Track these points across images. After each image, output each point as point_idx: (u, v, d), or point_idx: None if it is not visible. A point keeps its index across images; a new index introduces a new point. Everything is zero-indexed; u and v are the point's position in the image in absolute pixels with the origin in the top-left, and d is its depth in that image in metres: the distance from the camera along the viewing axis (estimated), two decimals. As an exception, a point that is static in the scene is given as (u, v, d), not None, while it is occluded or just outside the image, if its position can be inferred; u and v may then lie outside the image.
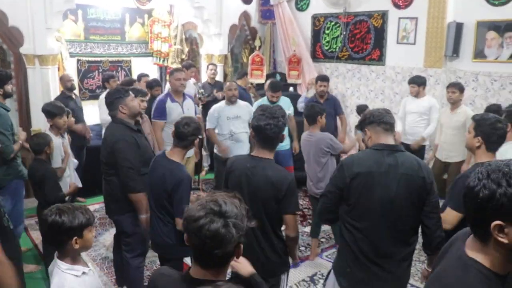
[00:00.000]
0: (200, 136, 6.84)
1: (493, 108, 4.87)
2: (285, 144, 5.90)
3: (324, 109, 4.60)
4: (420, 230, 2.57)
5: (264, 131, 2.66)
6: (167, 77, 7.67)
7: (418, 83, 6.00)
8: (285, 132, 5.79)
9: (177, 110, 5.07)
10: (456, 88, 5.49)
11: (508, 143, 3.25)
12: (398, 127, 6.17)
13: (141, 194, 3.44)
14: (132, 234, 3.66)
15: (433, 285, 1.51)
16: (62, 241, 2.15)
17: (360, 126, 2.75)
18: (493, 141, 2.71)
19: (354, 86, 7.92)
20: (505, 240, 1.27)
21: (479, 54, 6.25)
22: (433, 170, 5.72)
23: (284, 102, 5.89)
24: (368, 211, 2.48)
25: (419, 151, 5.95)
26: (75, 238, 2.14)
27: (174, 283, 1.67)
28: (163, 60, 8.01)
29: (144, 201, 3.44)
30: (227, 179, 2.87)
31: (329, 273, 2.80)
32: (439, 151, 5.77)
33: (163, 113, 5.07)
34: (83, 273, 2.19)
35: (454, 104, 5.54)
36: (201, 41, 8.37)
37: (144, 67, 7.68)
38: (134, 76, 7.51)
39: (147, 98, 4.83)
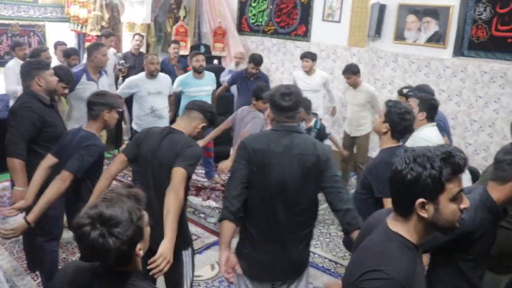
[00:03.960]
0: (120, 109, 6.61)
1: (426, 89, 4.98)
2: None
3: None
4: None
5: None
6: (85, 45, 7.26)
7: (312, 58, 6.12)
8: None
9: (91, 89, 4.47)
10: (350, 73, 5.62)
11: (423, 127, 3.42)
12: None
13: (18, 161, 3.24)
14: (45, 217, 3.44)
15: (359, 255, 1.67)
16: None
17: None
18: (398, 131, 2.82)
19: (279, 61, 7.93)
20: (425, 215, 1.51)
21: (399, 36, 6.46)
22: (343, 144, 6.06)
23: (210, 78, 5.84)
24: (263, 192, 2.47)
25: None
26: None
27: (86, 273, 1.59)
28: (81, 27, 7.50)
29: (20, 171, 3.25)
30: (138, 146, 2.81)
31: None
32: (347, 126, 6.02)
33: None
34: None
35: (355, 85, 5.77)
36: (122, 8, 7.93)
37: (60, 34, 7.16)
38: (49, 42, 7.00)
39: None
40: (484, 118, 5.87)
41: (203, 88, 5.74)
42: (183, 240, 2.88)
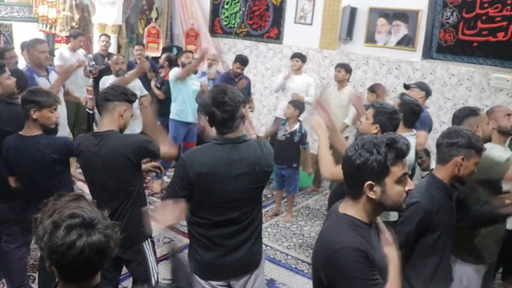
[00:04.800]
0: (90, 112, 6.53)
1: (425, 85, 4.93)
2: (193, 117, 5.94)
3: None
4: None
5: (97, 103, 2.84)
6: (55, 46, 7.11)
7: (302, 59, 6.21)
8: (194, 108, 5.85)
9: (46, 85, 4.49)
10: (342, 67, 5.87)
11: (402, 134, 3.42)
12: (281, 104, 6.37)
13: None
14: (17, 223, 3.37)
15: (317, 243, 1.82)
16: None
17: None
18: (388, 131, 2.86)
19: (252, 63, 7.90)
20: (373, 196, 1.68)
21: (370, 39, 6.55)
22: None
23: (194, 75, 5.99)
24: (209, 209, 2.43)
25: None
26: None
27: None
28: (51, 27, 7.36)
29: None
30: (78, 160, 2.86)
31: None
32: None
33: None
34: None
35: (341, 83, 5.92)
36: (93, 8, 7.82)
37: (29, 34, 7.00)
38: (17, 42, 6.84)
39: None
40: (452, 119, 5.99)
41: (193, 81, 5.88)
42: (141, 233, 2.91)
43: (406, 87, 4.77)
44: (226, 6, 8.12)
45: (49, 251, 1.34)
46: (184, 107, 5.85)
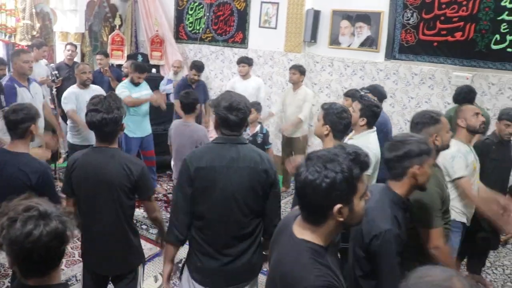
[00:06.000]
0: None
1: (379, 88, 5.14)
2: (147, 130, 5.79)
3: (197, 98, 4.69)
4: None
5: (102, 128, 2.59)
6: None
7: (249, 63, 6.28)
8: (145, 117, 5.75)
9: (27, 96, 4.58)
10: (297, 69, 5.93)
11: (363, 133, 3.44)
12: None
13: None
14: None
15: (275, 271, 1.63)
16: None
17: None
18: (339, 130, 2.93)
19: (218, 68, 7.93)
20: (342, 219, 1.50)
21: (334, 41, 6.64)
22: (282, 144, 6.34)
23: (144, 84, 5.84)
24: (210, 206, 2.44)
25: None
26: None
27: None
28: (10, 36, 7.18)
29: None
30: (70, 177, 2.70)
31: (183, 267, 2.72)
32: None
33: (16, 99, 4.38)
34: None
35: (295, 84, 5.99)
36: (54, 16, 7.66)
37: (-13, 44, 6.84)
38: (-26, 54, 6.66)
39: None
40: (416, 118, 6.12)
41: (143, 92, 5.72)
42: (139, 255, 2.91)
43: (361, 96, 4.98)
44: (190, 12, 8.10)
45: (9, 243, 1.39)
46: (137, 125, 5.68)
